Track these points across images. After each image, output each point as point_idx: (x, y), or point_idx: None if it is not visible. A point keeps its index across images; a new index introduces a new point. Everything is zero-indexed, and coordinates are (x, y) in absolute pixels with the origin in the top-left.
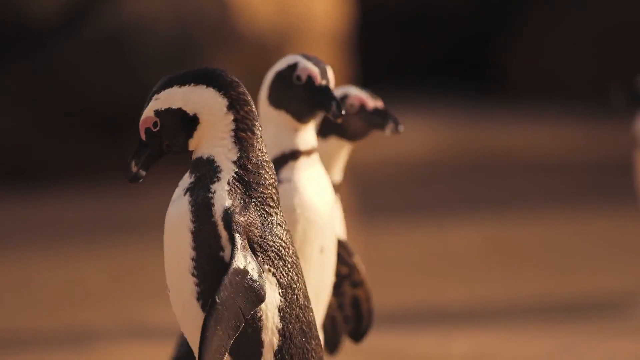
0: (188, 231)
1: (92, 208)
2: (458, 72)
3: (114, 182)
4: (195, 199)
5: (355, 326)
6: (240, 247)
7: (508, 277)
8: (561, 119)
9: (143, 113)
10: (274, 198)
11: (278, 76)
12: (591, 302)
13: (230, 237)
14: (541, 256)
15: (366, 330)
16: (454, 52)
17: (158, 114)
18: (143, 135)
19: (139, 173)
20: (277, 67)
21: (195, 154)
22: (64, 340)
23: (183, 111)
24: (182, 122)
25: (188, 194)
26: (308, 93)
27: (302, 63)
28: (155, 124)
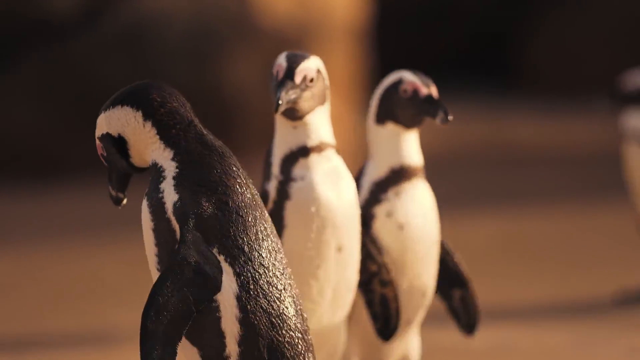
0: (151, 230)
1: (109, 202)
2: (476, 66)
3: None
4: (151, 201)
5: (383, 324)
6: (187, 239)
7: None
8: (579, 113)
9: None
10: (229, 185)
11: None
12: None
13: (180, 230)
14: (559, 249)
15: (394, 329)
16: (472, 46)
17: (100, 140)
18: (103, 161)
19: (118, 196)
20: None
21: (149, 165)
22: (84, 336)
23: (110, 135)
24: (115, 145)
25: (146, 198)
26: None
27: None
28: (103, 149)
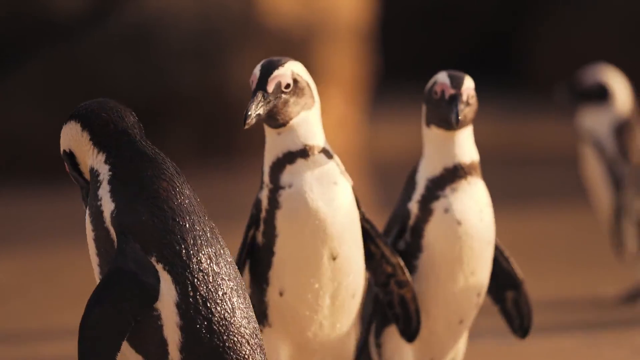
0: (92, 240)
1: None
2: (481, 66)
3: None
4: (91, 210)
5: (405, 325)
6: (123, 248)
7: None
8: None
9: None
10: (164, 190)
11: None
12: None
13: (117, 239)
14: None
15: (416, 330)
16: (478, 46)
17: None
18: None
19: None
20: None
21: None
22: None
23: (63, 150)
24: (69, 160)
25: (87, 207)
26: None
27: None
28: (66, 166)
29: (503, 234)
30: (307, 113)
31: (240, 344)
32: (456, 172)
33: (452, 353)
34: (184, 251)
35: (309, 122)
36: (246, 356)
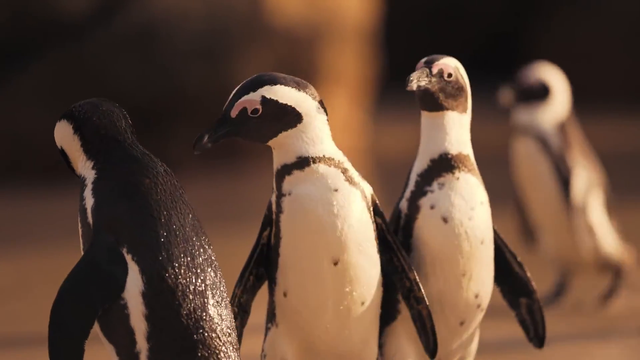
0: (80, 237)
1: None
2: (487, 67)
3: None
4: (79, 208)
5: (426, 341)
6: (95, 240)
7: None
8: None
9: None
10: (144, 186)
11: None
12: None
13: (92, 232)
14: None
15: (434, 348)
16: (483, 47)
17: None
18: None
19: None
20: None
21: None
22: (96, 335)
23: (57, 147)
24: (63, 158)
25: (78, 209)
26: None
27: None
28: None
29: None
30: (290, 132)
31: (210, 339)
32: (442, 164)
33: (459, 354)
34: (155, 244)
35: (297, 138)
36: (216, 350)
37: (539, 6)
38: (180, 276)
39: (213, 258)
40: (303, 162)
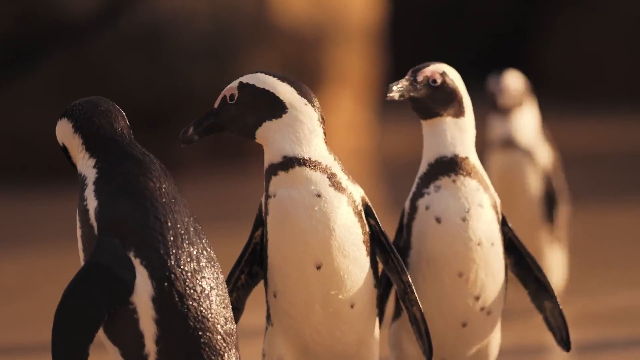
0: (79, 237)
1: None
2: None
3: None
4: (78, 210)
5: (421, 343)
6: (102, 243)
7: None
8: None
9: None
10: (148, 189)
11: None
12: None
13: (97, 235)
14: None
15: (429, 349)
16: (489, 47)
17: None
18: None
19: None
20: None
21: None
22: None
23: (58, 143)
24: (64, 154)
25: (77, 208)
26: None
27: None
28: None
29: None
30: (275, 122)
31: (215, 340)
32: (438, 168)
33: (469, 355)
34: (163, 248)
35: (283, 133)
36: (221, 352)
37: (546, 6)
38: (188, 280)
39: (214, 260)
40: (288, 163)
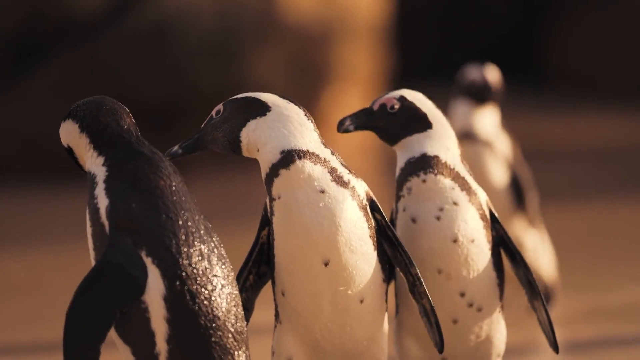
0: (90, 235)
1: None
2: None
3: None
4: (89, 208)
5: (432, 335)
6: (114, 242)
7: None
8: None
9: None
10: (159, 187)
11: None
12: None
13: (109, 233)
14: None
15: (441, 341)
16: (497, 43)
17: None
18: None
19: None
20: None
21: None
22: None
23: (63, 145)
24: (69, 155)
25: (87, 206)
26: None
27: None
28: None
29: None
30: (260, 120)
31: (226, 338)
32: (408, 169)
33: (470, 352)
34: (175, 246)
35: (271, 128)
36: (231, 351)
37: (552, 2)
38: (199, 278)
39: (225, 257)
40: (287, 158)
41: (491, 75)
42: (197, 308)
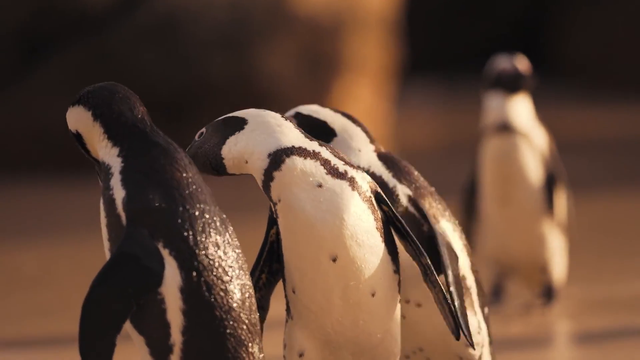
0: (105, 226)
1: None
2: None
3: None
4: (104, 199)
5: (447, 323)
6: (130, 233)
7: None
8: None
9: None
10: (175, 179)
11: None
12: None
13: (125, 225)
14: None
15: (457, 329)
16: (505, 36)
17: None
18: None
19: None
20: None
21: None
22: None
23: (71, 131)
24: (77, 140)
25: (101, 197)
26: None
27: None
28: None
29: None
30: (237, 135)
31: (241, 330)
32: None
33: (440, 349)
34: (192, 238)
35: (250, 137)
36: (245, 342)
37: None
38: (215, 270)
39: (239, 249)
40: (276, 159)
41: (521, 63)
42: (213, 299)
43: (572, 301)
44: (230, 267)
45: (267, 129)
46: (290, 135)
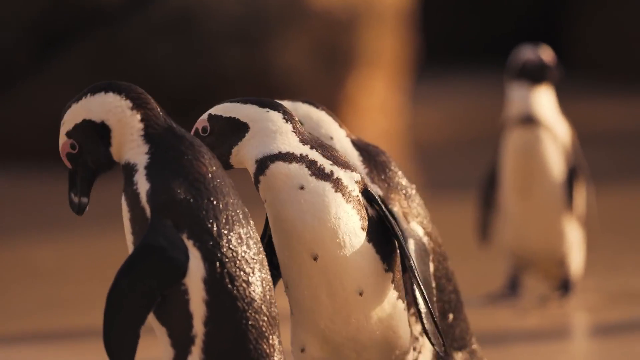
0: (128, 220)
1: None
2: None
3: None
4: (127, 194)
5: (428, 327)
6: (155, 225)
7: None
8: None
9: (59, 144)
10: (200, 172)
11: None
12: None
13: (150, 217)
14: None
15: (433, 335)
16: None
17: (70, 135)
18: (68, 163)
19: (82, 202)
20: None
21: (121, 164)
22: None
23: (89, 121)
24: (94, 133)
25: (123, 193)
26: None
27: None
28: (72, 146)
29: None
30: (240, 145)
31: (262, 322)
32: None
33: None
34: (216, 229)
35: (248, 146)
36: (266, 334)
37: None
38: (238, 262)
39: (260, 242)
40: (262, 165)
41: (546, 54)
42: (236, 291)
43: (589, 294)
44: (252, 260)
45: (262, 136)
46: (280, 140)
